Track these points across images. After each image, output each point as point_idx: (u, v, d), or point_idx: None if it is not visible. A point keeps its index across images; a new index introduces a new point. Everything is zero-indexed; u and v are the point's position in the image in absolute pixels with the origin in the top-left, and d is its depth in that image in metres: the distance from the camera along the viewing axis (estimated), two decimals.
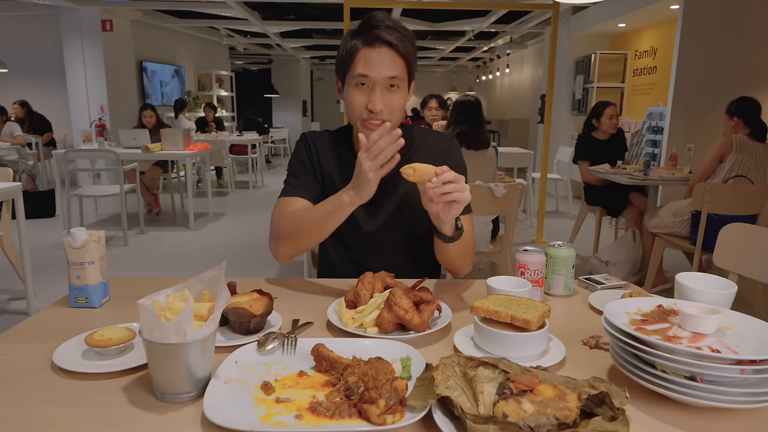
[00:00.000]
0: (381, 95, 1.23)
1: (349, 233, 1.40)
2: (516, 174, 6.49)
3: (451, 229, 1.19)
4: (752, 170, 3.22)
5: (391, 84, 1.24)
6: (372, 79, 1.22)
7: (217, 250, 4.78)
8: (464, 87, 17.04)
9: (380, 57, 1.22)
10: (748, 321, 0.82)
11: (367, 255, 1.42)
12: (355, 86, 1.25)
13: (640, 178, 3.82)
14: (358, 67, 1.23)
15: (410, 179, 1.07)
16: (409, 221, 1.39)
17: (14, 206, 3.03)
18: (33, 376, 0.84)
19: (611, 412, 0.68)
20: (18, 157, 6.64)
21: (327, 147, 1.42)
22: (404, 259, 1.43)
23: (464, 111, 3.33)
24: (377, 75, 1.22)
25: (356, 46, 1.23)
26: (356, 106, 1.25)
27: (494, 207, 2.84)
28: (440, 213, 1.10)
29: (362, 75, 1.23)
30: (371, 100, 1.23)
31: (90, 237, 1.10)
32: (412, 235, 1.41)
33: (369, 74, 1.22)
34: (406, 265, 1.41)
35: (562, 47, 7.49)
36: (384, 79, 1.22)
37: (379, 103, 1.23)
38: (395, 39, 1.22)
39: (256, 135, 8.71)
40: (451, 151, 1.43)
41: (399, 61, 1.24)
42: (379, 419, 0.69)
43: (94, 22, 7.44)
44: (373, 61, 1.22)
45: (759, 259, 1.53)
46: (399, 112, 1.28)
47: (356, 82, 1.24)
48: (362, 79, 1.23)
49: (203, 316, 0.82)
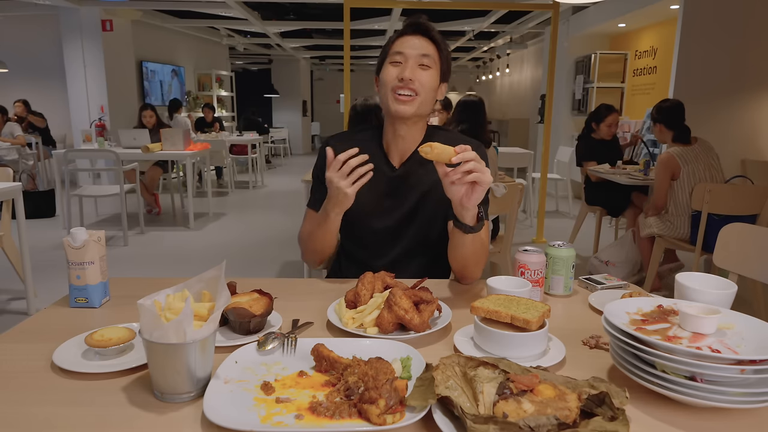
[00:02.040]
0: (412, 68, 1.29)
1: (363, 232, 1.41)
2: (516, 174, 6.49)
3: (473, 219, 1.19)
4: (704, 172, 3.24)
5: (422, 63, 1.30)
6: (405, 55, 1.30)
7: (217, 250, 4.78)
8: (464, 87, 17.03)
9: (415, 40, 1.31)
10: (748, 321, 0.82)
11: (378, 256, 1.42)
12: (390, 64, 1.32)
13: (640, 178, 3.82)
14: (395, 47, 1.32)
15: (427, 157, 1.10)
16: (423, 223, 1.40)
17: (14, 206, 3.03)
18: (33, 376, 0.84)
19: (611, 412, 0.68)
20: (18, 157, 6.64)
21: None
22: (414, 262, 1.42)
23: (467, 110, 3.33)
24: (410, 51, 1.29)
25: (395, 37, 1.34)
26: (388, 77, 1.31)
27: (494, 207, 2.84)
28: (463, 198, 1.13)
29: (397, 52, 1.31)
30: (402, 72, 1.29)
31: (90, 237, 1.10)
32: (425, 240, 1.41)
33: (403, 51, 1.30)
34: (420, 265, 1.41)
35: (562, 47, 7.49)
36: (417, 55, 1.29)
37: (410, 72, 1.28)
38: (430, 28, 1.32)
39: (256, 135, 8.72)
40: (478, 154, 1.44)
41: (431, 45, 1.32)
42: (379, 419, 0.69)
43: (94, 22, 7.44)
44: (407, 42, 1.31)
45: (759, 259, 1.53)
46: (430, 92, 1.32)
47: (391, 60, 1.32)
48: (397, 57, 1.31)
49: (203, 316, 0.82)
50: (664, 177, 3.30)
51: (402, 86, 1.28)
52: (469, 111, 3.33)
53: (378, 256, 1.42)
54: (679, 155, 3.25)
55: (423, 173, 1.38)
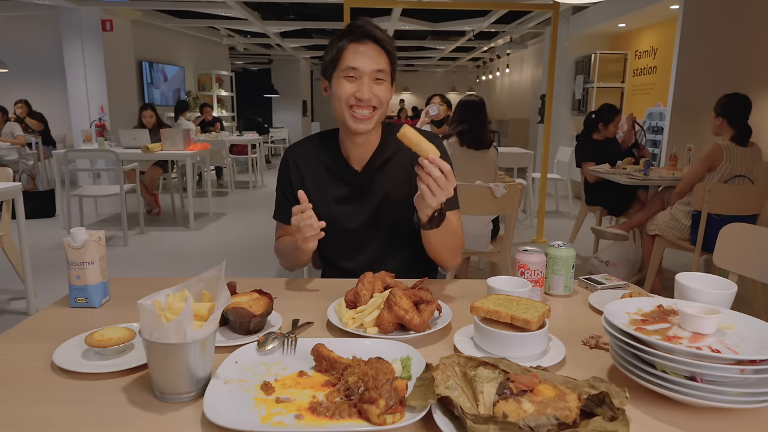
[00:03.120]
0: (369, 85, 1.28)
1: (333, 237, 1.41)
2: (516, 174, 6.49)
3: (425, 217, 1.20)
4: (741, 179, 3.20)
5: (377, 77, 1.29)
6: (360, 71, 1.28)
7: (217, 250, 4.78)
8: (464, 87, 17.04)
9: (367, 51, 1.28)
10: (748, 321, 0.82)
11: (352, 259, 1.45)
12: (343, 78, 1.29)
13: (640, 178, 3.82)
14: (347, 60, 1.28)
15: (402, 139, 1.13)
16: (391, 225, 1.42)
17: (14, 206, 3.02)
18: (33, 376, 0.84)
19: (611, 412, 0.68)
20: (18, 157, 6.64)
21: (311, 159, 1.45)
22: (391, 262, 1.43)
23: (468, 110, 3.33)
24: (366, 67, 1.27)
25: (344, 44, 1.30)
26: (344, 94, 1.29)
27: (494, 207, 2.84)
28: (417, 197, 1.16)
29: (351, 68, 1.28)
30: (359, 89, 1.28)
31: (90, 237, 1.10)
32: (395, 240, 1.43)
33: (358, 66, 1.27)
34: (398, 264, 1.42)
35: (562, 47, 7.48)
36: (372, 71, 1.28)
37: (367, 92, 1.28)
38: (381, 35, 1.30)
39: (256, 135, 8.72)
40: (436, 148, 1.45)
41: (384, 57, 1.30)
42: (379, 419, 0.69)
43: (94, 22, 7.44)
44: (360, 54, 1.28)
45: (759, 259, 1.53)
46: (386, 103, 1.34)
47: (344, 74, 1.29)
48: (351, 72, 1.28)
49: (203, 316, 0.82)
50: (702, 166, 3.22)
51: (360, 105, 1.29)
52: (470, 111, 3.33)
53: (352, 259, 1.45)
54: (727, 149, 3.15)
55: (384, 176, 1.40)
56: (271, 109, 15.75)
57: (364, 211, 1.41)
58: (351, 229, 1.42)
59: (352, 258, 1.46)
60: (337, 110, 1.33)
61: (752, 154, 3.21)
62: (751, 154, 3.21)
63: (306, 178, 1.44)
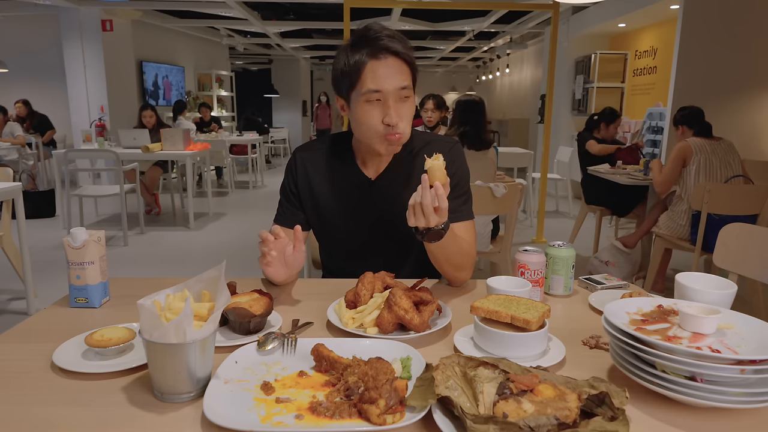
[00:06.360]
0: (396, 108, 1.20)
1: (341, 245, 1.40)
2: (516, 174, 6.49)
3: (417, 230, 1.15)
4: (719, 168, 3.24)
5: (403, 95, 1.21)
6: (385, 93, 1.19)
7: (217, 250, 4.78)
8: (464, 87, 17.04)
9: (389, 68, 1.19)
10: (748, 321, 0.82)
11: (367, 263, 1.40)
12: (366, 102, 1.21)
13: (640, 178, 3.82)
14: (368, 83, 1.19)
15: (426, 164, 1.08)
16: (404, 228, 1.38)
17: (14, 206, 3.03)
18: (33, 376, 0.84)
19: (611, 412, 0.68)
20: (18, 157, 6.63)
21: (321, 164, 1.39)
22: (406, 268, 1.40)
23: (468, 111, 3.33)
24: (390, 87, 1.19)
25: (361, 60, 1.19)
26: (372, 122, 1.21)
27: (494, 207, 2.84)
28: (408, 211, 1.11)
29: (374, 90, 1.19)
30: (387, 114, 1.20)
31: (90, 237, 1.10)
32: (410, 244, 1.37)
33: (381, 88, 1.18)
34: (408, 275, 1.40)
35: (562, 47, 7.48)
36: (396, 89, 1.19)
37: (395, 116, 1.20)
38: (400, 47, 1.20)
39: (256, 135, 8.71)
40: (453, 154, 1.37)
41: (406, 70, 1.22)
42: (379, 419, 0.69)
43: (94, 22, 7.43)
44: (382, 74, 1.18)
45: (759, 259, 1.53)
46: (412, 118, 1.27)
47: (367, 98, 1.20)
48: (375, 95, 1.19)
49: (203, 316, 0.82)
50: (675, 163, 3.33)
51: (392, 132, 1.21)
52: (471, 112, 3.34)
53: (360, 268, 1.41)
54: (694, 144, 3.28)
55: (398, 185, 1.33)
56: (271, 109, 15.75)
57: (374, 220, 1.37)
58: (360, 237, 1.38)
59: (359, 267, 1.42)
60: (364, 134, 1.25)
61: (724, 146, 3.31)
62: (724, 146, 3.31)
63: (314, 183, 1.38)
